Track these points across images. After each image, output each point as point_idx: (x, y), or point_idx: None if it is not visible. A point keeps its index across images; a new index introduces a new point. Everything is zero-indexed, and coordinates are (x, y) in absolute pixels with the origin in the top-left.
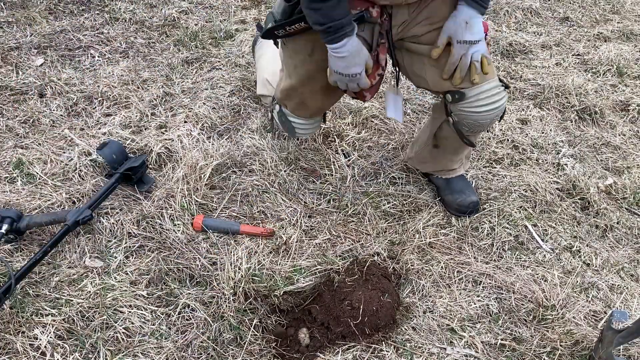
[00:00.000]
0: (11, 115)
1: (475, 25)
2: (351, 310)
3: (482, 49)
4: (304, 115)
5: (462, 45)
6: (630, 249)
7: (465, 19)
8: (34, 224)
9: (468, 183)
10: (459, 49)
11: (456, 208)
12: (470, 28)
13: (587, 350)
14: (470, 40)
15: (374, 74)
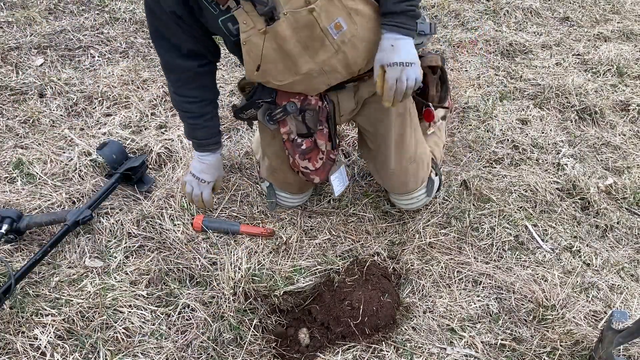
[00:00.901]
0: (11, 115)
1: (403, 48)
2: (351, 310)
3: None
4: (291, 191)
5: (393, 68)
6: (630, 249)
7: (390, 42)
8: (34, 224)
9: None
10: (392, 73)
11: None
12: (398, 50)
13: (587, 350)
14: (400, 62)
15: (315, 158)
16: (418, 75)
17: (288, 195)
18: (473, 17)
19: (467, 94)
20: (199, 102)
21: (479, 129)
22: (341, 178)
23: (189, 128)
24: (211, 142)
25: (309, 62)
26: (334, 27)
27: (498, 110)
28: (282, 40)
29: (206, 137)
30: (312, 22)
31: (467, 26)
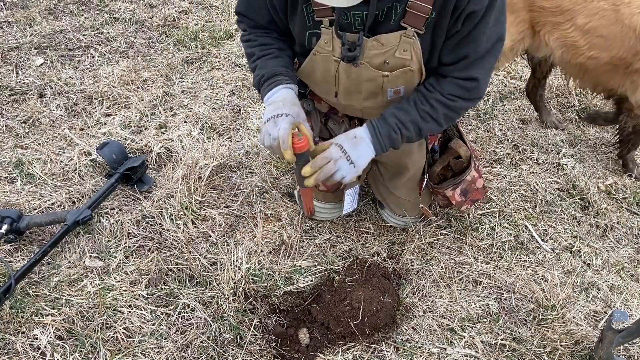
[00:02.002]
0: (11, 115)
1: (361, 150)
2: (351, 310)
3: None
4: (317, 197)
5: (336, 148)
6: (630, 249)
7: (355, 134)
8: (34, 224)
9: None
10: (335, 153)
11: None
12: (355, 146)
13: (587, 350)
14: (348, 155)
15: None
16: (348, 177)
17: (316, 203)
18: None
19: None
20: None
21: (479, 129)
22: (354, 197)
23: (260, 62)
24: (283, 73)
25: (353, 100)
26: (394, 92)
27: (498, 110)
28: (346, 77)
29: (278, 66)
30: (379, 82)
31: None
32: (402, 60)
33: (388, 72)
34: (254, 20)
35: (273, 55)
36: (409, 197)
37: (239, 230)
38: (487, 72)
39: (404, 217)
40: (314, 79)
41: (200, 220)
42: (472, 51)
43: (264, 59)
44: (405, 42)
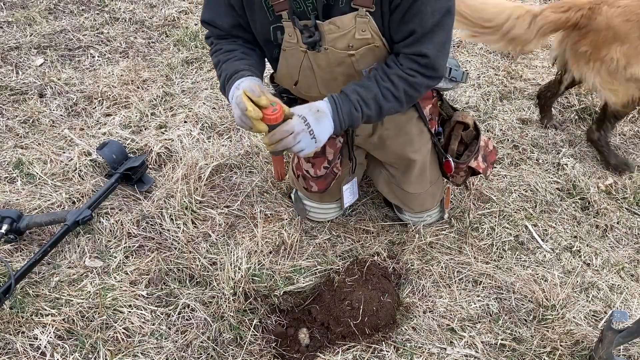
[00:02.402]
0: (11, 115)
1: (323, 124)
2: (351, 310)
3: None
4: (312, 198)
5: (299, 120)
6: (630, 249)
7: (318, 107)
8: (34, 224)
9: None
10: (297, 125)
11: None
12: (318, 120)
13: (587, 350)
14: (311, 128)
15: (319, 165)
16: (306, 151)
17: (312, 204)
18: None
19: (467, 93)
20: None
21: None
22: (352, 190)
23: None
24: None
25: (333, 89)
26: (368, 71)
27: (498, 110)
28: (317, 66)
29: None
30: (349, 64)
31: None
32: (364, 40)
33: (354, 51)
34: (219, 28)
35: (237, 57)
36: (423, 188)
37: (239, 230)
38: (438, 48)
39: (426, 212)
40: (291, 79)
41: (200, 220)
42: (417, 26)
43: (228, 62)
44: (360, 22)
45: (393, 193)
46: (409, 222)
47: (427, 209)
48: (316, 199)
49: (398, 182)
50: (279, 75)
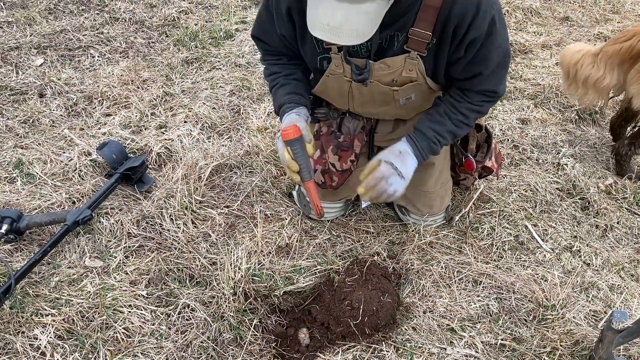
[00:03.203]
0: (11, 115)
1: (408, 163)
2: (351, 310)
3: (400, 188)
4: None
5: (387, 166)
6: (630, 248)
7: (399, 149)
8: (34, 224)
9: None
10: (385, 170)
11: None
12: (402, 160)
13: (587, 350)
14: (397, 169)
15: (346, 159)
16: (399, 191)
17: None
18: None
19: None
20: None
21: None
22: None
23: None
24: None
25: (368, 108)
26: (405, 99)
27: (498, 110)
28: (358, 92)
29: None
30: (390, 94)
31: None
32: (408, 77)
33: (398, 87)
34: (267, 44)
35: (280, 84)
36: (435, 188)
37: (239, 230)
38: (502, 81)
39: (431, 217)
40: (328, 96)
41: (200, 220)
42: (483, 68)
43: (274, 89)
44: (410, 63)
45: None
46: (409, 223)
47: (434, 213)
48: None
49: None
50: (316, 89)
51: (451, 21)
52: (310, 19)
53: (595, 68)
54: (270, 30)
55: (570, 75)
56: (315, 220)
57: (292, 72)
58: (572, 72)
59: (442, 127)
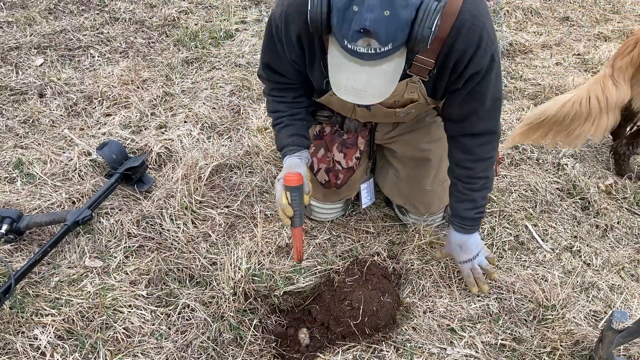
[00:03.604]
0: (11, 115)
1: (470, 245)
2: (351, 310)
3: (482, 259)
4: (316, 197)
5: (465, 264)
6: (630, 248)
7: (458, 243)
8: (34, 224)
9: None
10: (464, 267)
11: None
12: (465, 249)
13: (588, 350)
14: (469, 259)
15: (351, 156)
16: (488, 256)
17: (315, 204)
18: None
19: None
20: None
21: None
22: (369, 190)
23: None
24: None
25: (371, 119)
26: (405, 114)
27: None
28: (361, 110)
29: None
30: (392, 112)
31: None
32: (410, 98)
33: (399, 107)
34: (278, 73)
35: (284, 124)
36: (434, 186)
37: (239, 230)
38: (498, 121)
39: (430, 216)
40: (331, 106)
41: (200, 220)
42: (480, 105)
43: (278, 127)
44: (411, 86)
45: (400, 193)
46: (409, 223)
47: (432, 212)
48: (320, 198)
49: (410, 179)
50: (321, 100)
51: (452, 54)
52: (333, 81)
53: (620, 89)
54: (282, 57)
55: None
56: (315, 220)
57: (296, 113)
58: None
59: (473, 203)
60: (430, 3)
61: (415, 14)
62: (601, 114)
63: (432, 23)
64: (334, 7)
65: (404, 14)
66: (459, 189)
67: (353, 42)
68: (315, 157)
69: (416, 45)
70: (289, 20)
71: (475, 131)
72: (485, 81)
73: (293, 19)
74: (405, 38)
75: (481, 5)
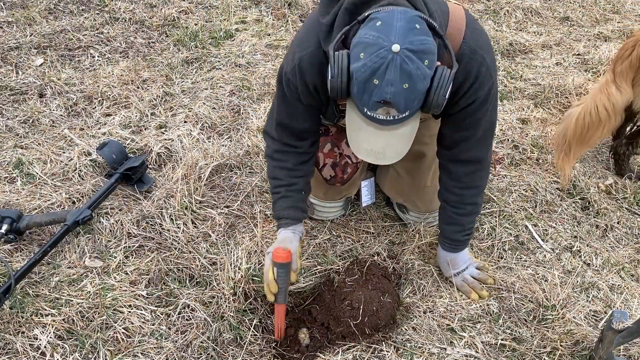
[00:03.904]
0: (11, 115)
1: (458, 260)
2: (351, 310)
3: (471, 270)
4: (317, 195)
5: (455, 277)
6: (630, 248)
7: (446, 260)
8: (34, 224)
9: None
10: (455, 280)
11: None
12: (454, 265)
13: (588, 350)
14: (457, 272)
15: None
16: (479, 266)
17: (315, 202)
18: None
19: None
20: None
21: None
22: (370, 189)
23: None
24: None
25: None
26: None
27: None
28: None
29: (283, 209)
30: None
31: None
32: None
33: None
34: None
35: (281, 195)
36: (433, 182)
37: (239, 230)
38: (488, 149)
39: (431, 214)
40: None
41: (200, 220)
42: (472, 133)
43: (275, 196)
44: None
45: (400, 191)
46: (409, 222)
47: (433, 209)
48: (320, 197)
49: (409, 175)
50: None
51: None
52: (352, 142)
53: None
54: (298, 106)
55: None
56: (315, 220)
57: (294, 183)
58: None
59: (461, 227)
60: (444, 72)
61: (430, 82)
62: (610, 119)
63: (446, 91)
64: (354, 78)
65: (421, 86)
66: (447, 212)
67: (373, 110)
68: (322, 152)
69: (431, 110)
70: (303, 72)
71: (463, 158)
72: (480, 111)
73: (307, 72)
74: (421, 104)
75: (482, 40)
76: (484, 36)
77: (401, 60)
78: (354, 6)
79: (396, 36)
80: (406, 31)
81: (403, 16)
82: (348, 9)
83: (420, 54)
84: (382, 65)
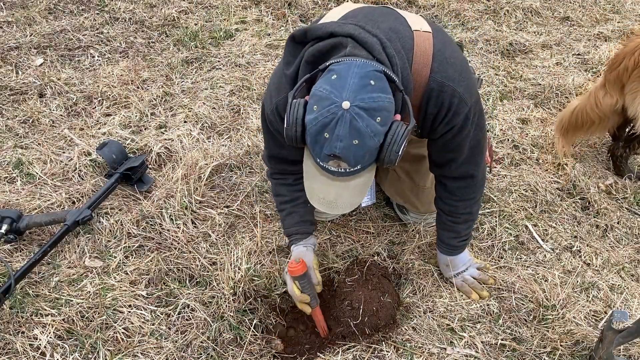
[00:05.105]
0: (11, 115)
1: (457, 262)
2: (351, 310)
3: (472, 270)
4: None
5: (455, 278)
6: (630, 248)
7: (445, 263)
8: (34, 224)
9: None
10: (455, 280)
11: None
12: (453, 266)
13: (588, 350)
14: (457, 273)
15: None
16: (479, 266)
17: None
18: (473, 17)
19: None
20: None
21: None
22: (370, 189)
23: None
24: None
25: None
26: None
27: (498, 110)
28: None
29: (292, 225)
30: None
31: (467, 26)
32: None
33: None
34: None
35: (287, 212)
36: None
37: (239, 230)
38: (479, 165)
39: (431, 215)
40: None
41: (200, 220)
42: (457, 155)
43: (281, 214)
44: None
45: (400, 192)
46: (409, 222)
47: (432, 210)
48: None
49: (409, 176)
50: None
51: (427, 117)
52: (307, 190)
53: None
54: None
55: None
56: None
57: (297, 197)
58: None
59: (456, 233)
60: (399, 128)
61: (384, 138)
62: (602, 120)
63: (399, 148)
64: (307, 129)
65: (371, 142)
66: (442, 220)
67: (325, 162)
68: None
69: (385, 164)
70: (281, 115)
71: (454, 175)
72: (460, 136)
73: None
74: (374, 159)
75: (451, 70)
76: (454, 65)
77: (351, 117)
78: (314, 57)
79: (348, 92)
80: (359, 88)
81: (359, 71)
82: (308, 61)
83: (372, 112)
84: (332, 121)
